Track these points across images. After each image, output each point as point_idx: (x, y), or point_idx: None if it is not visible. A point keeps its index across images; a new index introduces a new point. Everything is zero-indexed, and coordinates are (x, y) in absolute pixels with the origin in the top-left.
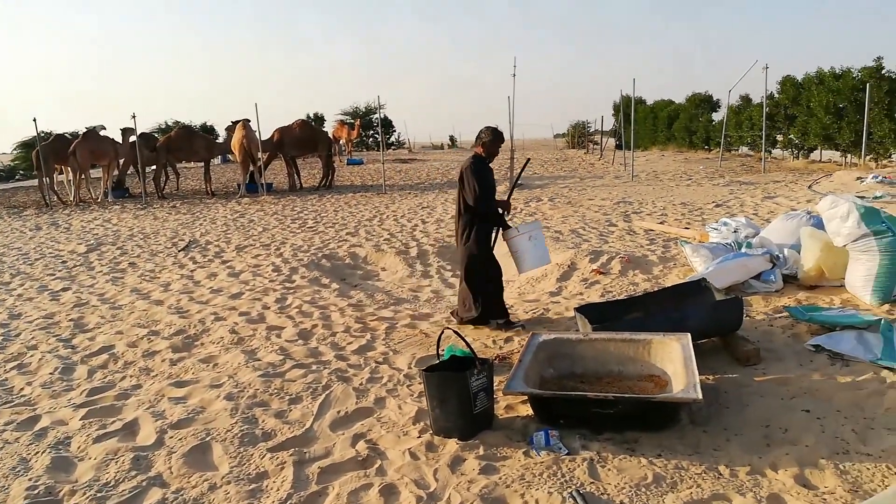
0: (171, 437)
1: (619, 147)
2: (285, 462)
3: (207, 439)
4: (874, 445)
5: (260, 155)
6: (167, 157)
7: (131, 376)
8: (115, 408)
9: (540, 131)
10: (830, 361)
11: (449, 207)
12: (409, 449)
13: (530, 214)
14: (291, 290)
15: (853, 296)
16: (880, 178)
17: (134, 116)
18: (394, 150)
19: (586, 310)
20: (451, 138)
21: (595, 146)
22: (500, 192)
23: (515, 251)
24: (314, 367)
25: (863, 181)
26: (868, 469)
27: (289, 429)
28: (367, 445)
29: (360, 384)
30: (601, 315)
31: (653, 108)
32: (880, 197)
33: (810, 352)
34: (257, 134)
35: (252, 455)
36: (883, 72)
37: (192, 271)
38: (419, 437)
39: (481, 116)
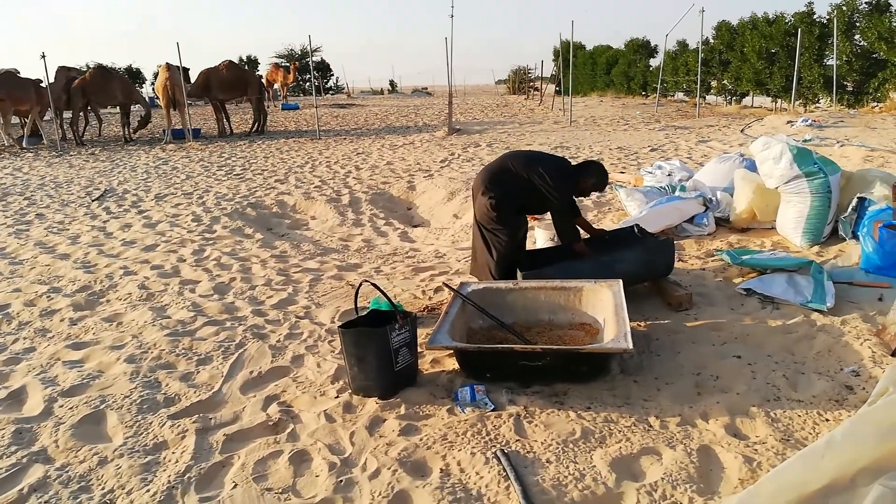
0: (62, 406)
1: (558, 93)
2: (187, 430)
3: (102, 407)
4: (805, 391)
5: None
6: (84, 101)
7: (25, 338)
8: (2, 374)
9: (481, 77)
10: (761, 305)
11: (385, 153)
12: (324, 411)
13: (468, 160)
14: (211, 242)
15: (784, 238)
16: (809, 121)
17: (43, 56)
18: (332, 94)
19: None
20: (392, 83)
21: (535, 92)
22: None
23: None
24: (228, 324)
25: (793, 125)
26: (799, 416)
27: (194, 393)
28: (279, 408)
29: (278, 341)
30: (532, 262)
31: (592, 53)
32: (809, 140)
33: (742, 295)
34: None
35: (151, 423)
36: (814, 17)
37: (104, 222)
38: (337, 397)
39: (422, 61)
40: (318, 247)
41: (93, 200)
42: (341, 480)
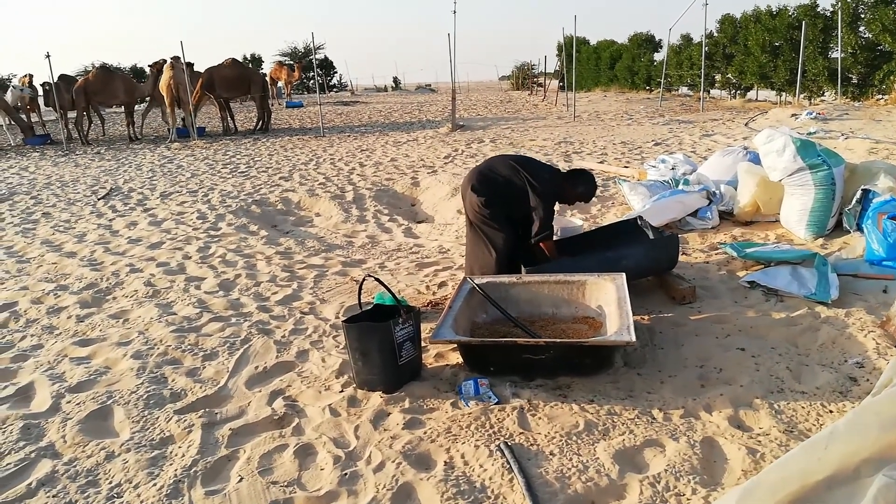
0: (69, 402)
1: (562, 88)
2: (193, 425)
3: (109, 403)
4: (808, 383)
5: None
6: (86, 101)
7: (32, 335)
8: (10, 371)
9: (485, 73)
10: (765, 298)
11: (389, 149)
12: (329, 405)
13: (471, 156)
14: (216, 239)
15: (788, 230)
16: (814, 114)
17: (48, 56)
18: (335, 92)
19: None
20: (395, 80)
21: (539, 87)
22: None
23: None
24: (233, 320)
25: (797, 118)
26: (803, 408)
27: (200, 388)
28: (284, 403)
29: (283, 336)
30: (535, 256)
31: (596, 48)
32: (814, 133)
33: (745, 288)
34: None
35: (157, 418)
36: (818, 9)
37: (110, 220)
38: (341, 391)
39: (425, 58)
40: (322, 243)
41: (99, 199)
42: (346, 473)
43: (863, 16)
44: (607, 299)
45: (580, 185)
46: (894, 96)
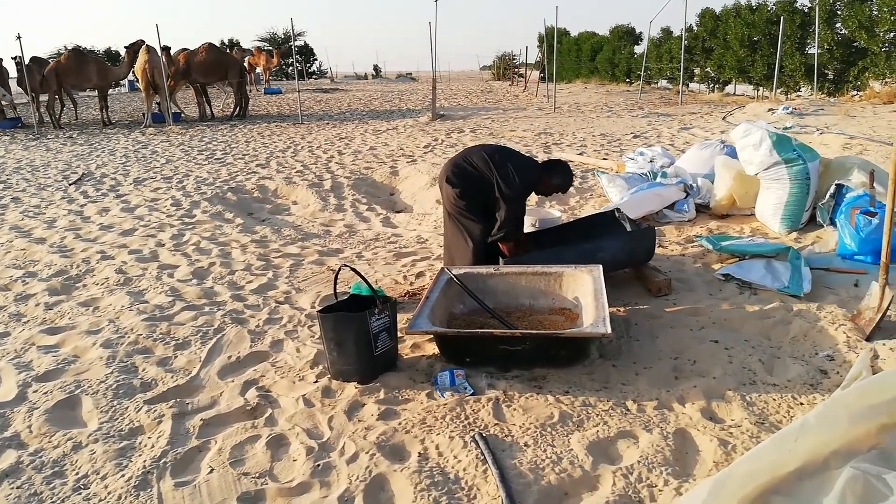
0: (36, 392)
1: (543, 79)
2: (164, 415)
3: (77, 392)
4: (780, 375)
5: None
6: (58, 85)
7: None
8: None
9: (466, 63)
10: (739, 290)
11: (368, 138)
12: (303, 395)
13: (451, 146)
14: (190, 226)
15: (763, 224)
16: (790, 109)
17: (19, 37)
18: (315, 79)
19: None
20: (376, 68)
21: (520, 78)
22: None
23: None
24: (207, 309)
25: (774, 113)
26: (774, 400)
27: (172, 378)
28: (257, 393)
29: (257, 326)
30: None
31: (577, 40)
32: (790, 128)
33: (720, 281)
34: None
35: (127, 408)
36: (796, 5)
37: (81, 206)
38: (316, 381)
39: (406, 47)
40: (299, 232)
41: (70, 184)
42: (319, 465)
43: (839, 12)
44: (584, 291)
45: (557, 177)
46: (869, 92)
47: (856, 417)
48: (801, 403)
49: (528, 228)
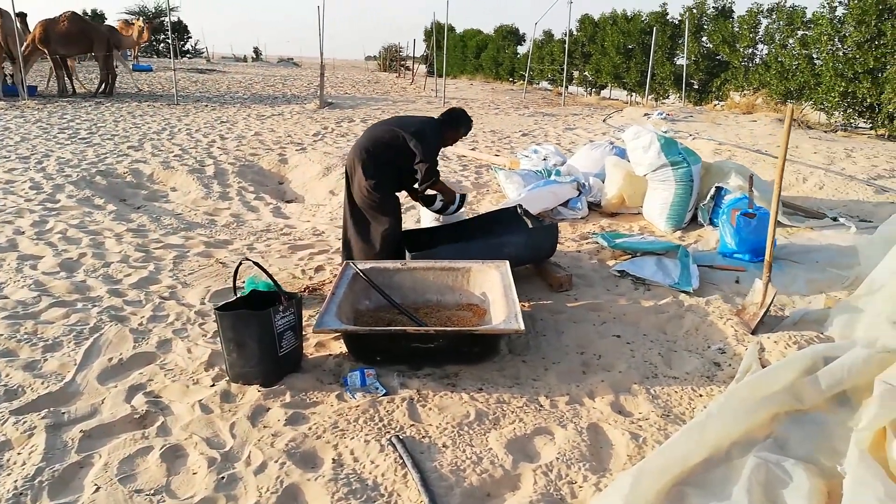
0: None
1: (430, 73)
2: (35, 426)
3: None
4: (679, 368)
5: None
6: None
7: None
8: None
9: (351, 52)
10: (634, 286)
11: (252, 123)
12: (199, 401)
13: (342, 135)
14: (54, 212)
15: (650, 222)
16: (664, 115)
17: None
18: (189, 58)
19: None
20: (256, 51)
21: (407, 71)
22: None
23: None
24: (80, 305)
25: (649, 117)
26: (676, 392)
27: (42, 384)
28: (146, 399)
29: (140, 324)
30: (417, 242)
31: (462, 36)
32: (665, 132)
33: (616, 277)
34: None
35: None
36: (667, 17)
37: None
38: (213, 385)
39: (289, 30)
40: (181, 221)
41: None
42: (223, 477)
43: (705, 27)
44: (492, 287)
45: (461, 126)
46: (730, 103)
47: (751, 409)
48: (701, 395)
49: (432, 223)
